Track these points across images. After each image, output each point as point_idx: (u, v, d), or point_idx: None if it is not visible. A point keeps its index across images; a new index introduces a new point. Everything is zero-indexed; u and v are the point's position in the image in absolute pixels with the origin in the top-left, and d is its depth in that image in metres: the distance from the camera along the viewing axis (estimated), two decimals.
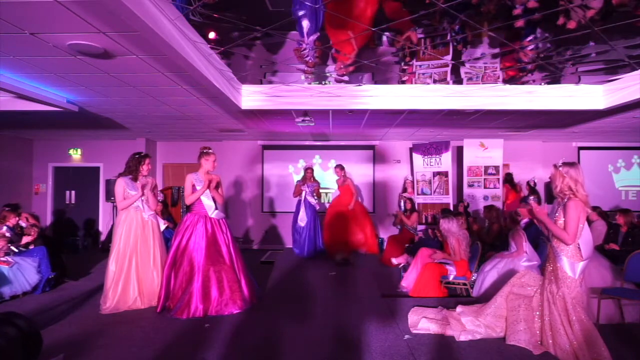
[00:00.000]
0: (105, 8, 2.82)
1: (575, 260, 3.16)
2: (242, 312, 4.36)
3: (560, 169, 3.24)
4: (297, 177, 9.92)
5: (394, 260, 6.17)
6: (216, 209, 4.70)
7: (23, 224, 5.91)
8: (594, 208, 6.24)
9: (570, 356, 3.12)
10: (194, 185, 4.63)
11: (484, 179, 8.83)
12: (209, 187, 4.63)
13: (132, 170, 4.71)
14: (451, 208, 8.38)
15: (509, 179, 8.81)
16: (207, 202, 4.65)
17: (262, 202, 9.91)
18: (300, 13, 4.07)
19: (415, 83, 5.71)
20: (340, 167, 8.32)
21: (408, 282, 5.40)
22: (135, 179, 4.70)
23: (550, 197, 9.19)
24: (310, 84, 5.51)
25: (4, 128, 8.19)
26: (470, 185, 8.89)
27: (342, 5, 4.30)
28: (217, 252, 4.50)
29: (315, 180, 8.19)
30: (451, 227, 5.26)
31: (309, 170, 8.20)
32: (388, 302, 4.81)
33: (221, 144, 9.64)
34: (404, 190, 9.22)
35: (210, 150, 4.80)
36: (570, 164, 3.25)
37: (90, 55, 3.81)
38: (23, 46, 3.58)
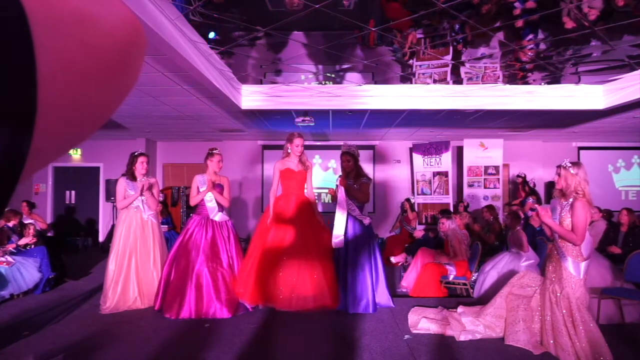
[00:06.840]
0: None
1: (579, 260, 3.17)
2: (242, 312, 4.35)
3: (570, 169, 3.24)
4: None
5: (393, 259, 6.17)
6: (219, 211, 4.63)
7: (33, 222, 6.03)
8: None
9: (572, 357, 3.12)
10: (198, 187, 4.61)
11: (484, 179, 8.83)
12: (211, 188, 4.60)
13: (128, 169, 4.70)
14: (451, 208, 8.38)
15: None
16: (209, 204, 4.61)
17: (262, 202, 9.90)
18: None
19: (415, 83, 5.71)
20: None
21: (408, 282, 5.41)
22: (133, 179, 4.68)
23: (550, 197, 9.19)
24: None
25: None
26: (470, 185, 8.88)
27: None
28: (215, 255, 4.46)
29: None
30: (455, 228, 5.30)
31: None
32: None
33: (221, 144, 9.63)
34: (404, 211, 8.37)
35: (215, 151, 4.67)
36: (577, 164, 3.26)
37: None
38: None
